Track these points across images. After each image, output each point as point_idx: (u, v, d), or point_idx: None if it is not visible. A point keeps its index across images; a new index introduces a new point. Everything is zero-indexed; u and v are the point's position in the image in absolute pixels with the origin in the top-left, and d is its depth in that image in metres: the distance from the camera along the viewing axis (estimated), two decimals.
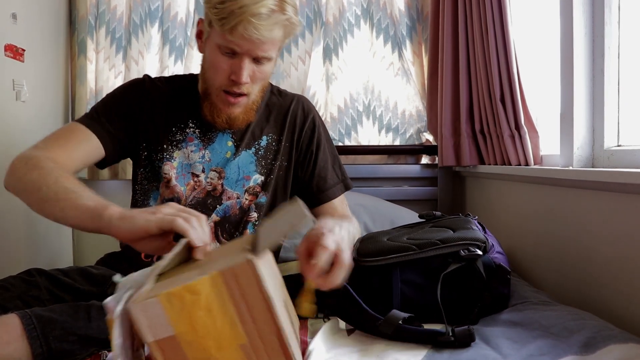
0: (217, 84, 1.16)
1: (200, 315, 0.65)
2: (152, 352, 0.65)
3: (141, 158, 1.26)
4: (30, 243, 1.76)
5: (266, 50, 1.11)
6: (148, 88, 1.27)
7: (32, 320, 0.84)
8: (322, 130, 1.34)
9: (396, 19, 2.09)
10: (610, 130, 1.28)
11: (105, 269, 1.17)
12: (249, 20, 1.05)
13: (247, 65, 1.12)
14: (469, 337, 0.91)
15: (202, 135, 1.25)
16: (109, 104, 1.24)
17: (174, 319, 0.64)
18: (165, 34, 2.06)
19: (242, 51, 1.10)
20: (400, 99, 2.11)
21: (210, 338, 0.65)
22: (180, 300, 0.64)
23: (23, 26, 1.67)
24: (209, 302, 0.65)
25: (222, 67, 1.13)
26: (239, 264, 0.65)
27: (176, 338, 0.64)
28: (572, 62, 1.30)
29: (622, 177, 1.05)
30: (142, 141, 1.25)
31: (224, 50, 1.11)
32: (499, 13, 1.56)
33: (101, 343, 0.87)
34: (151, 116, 1.24)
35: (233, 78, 1.13)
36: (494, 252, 1.12)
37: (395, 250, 1.10)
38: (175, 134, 1.24)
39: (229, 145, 1.25)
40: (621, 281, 1.09)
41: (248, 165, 1.25)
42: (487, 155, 1.78)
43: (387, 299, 1.07)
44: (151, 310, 0.64)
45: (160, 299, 0.64)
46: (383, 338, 0.96)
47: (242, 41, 1.08)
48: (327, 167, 1.31)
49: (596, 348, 0.85)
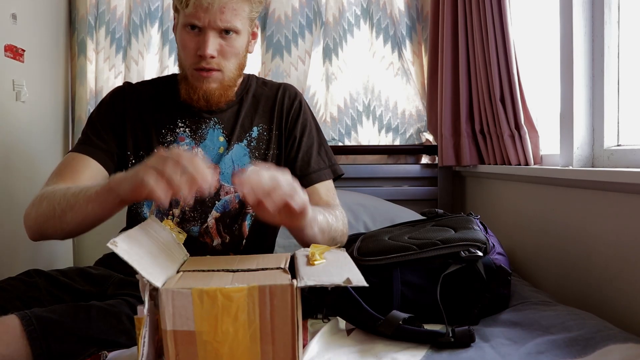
0: (188, 63, 1.17)
1: (226, 321, 0.65)
2: (164, 340, 0.65)
3: (129, 166, 1.23)
4: (30, 244, 1.75)
5: (228, 20, 1.12)
6: (129, 94, 1.26)
7: (33, 322, 0.84)
8: (309, 117, 1.32)
9: (396, 19, 2.09)
10: (610, 130, 1.28)
11: (104, 269, 1.17)
12: None
13: (212, 39, 1.12)
14: (469, 337, 0.91)
15: (192, 134, 1.24)
16: (94, 120, 1.24)
17: (199, 316, 0.65)
18: (165, 34, 2.06)
19: (203, 24, 1.11)
20: (400, 99, 2.11)
21: (227, 345, 0.65)
22: (212, 300, 0.65)
23: (23, 26, 1.67)
24: (238, 311, 0.65)
25: (189, 45, 1.14)
26: (281, 285, 0.65)
27: (194, 335, 0.65)
28: (571, 62, 1.30)
29: (622, 177, 1.05)
30: (128, 149, 1.23)
31: (188, 29, 1.13)
32: (499, 13, 1.56)
33: (101, 343, 0.87)
34: (137, 122, 1.23)
35: (199, 53, 1.13)
36: (495, 253, 1.12)
37: (396, 249, 1.10)
38: (165, 135, 1.23)
39: (221, 141, 1.24)
40: (621, 281, 1.09)
41: (242, 157, 1.24)
42: (487, 155, 1.78)
43: (387, 298, 1.07)
44: (180, 300, 0.64)
45: (193, 293, 0.64)
46: (383, 338, 0.95)
47: (199, 11, 1.10)
48: (311, 152, 1.28)
49: (596, 348, 0.85)
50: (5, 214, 1.59)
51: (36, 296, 1.01)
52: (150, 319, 0.67)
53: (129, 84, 1.30)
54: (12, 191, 1.64)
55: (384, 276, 1.08)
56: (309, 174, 1.26)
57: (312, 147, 1.29)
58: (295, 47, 2.07)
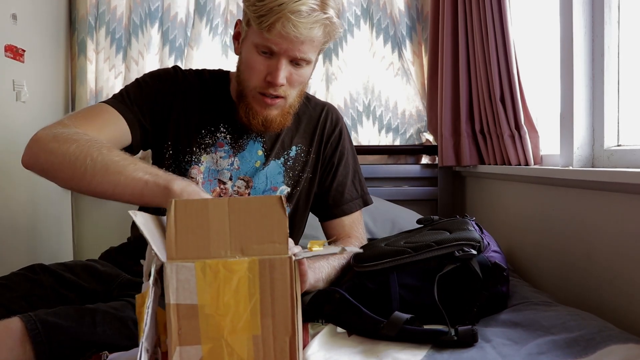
0: (252, 85, 1.11)
1: (228, 293, 0.66)
2: (168, 315, 0.66)
3: (165, 156, 1.19)
4: (31, 238, 1.76)
5: (305, 52, 1.07)
6: (180, 81, 1.21)
7: (37, 325, 0.82)
8: (348, 143, 1.31)
9: (396, 19, 2.09)
10: (610, 130, 1.28)
11: (111, 266, 1.15)
12: (287, 17, 1.01)
13: (285, 67, 1.07)
14: (472, 336, 0.91)
15: (233, 142, 1.20)
16: (140, 90, 1.17)
17: (202, 289, 0.65)
18: (165, 35, 2.06)
19: (279, 51, 1.06)
20: (400, 99, 2.11)
21: (228, 319, 0.66)
22: (214, 272, 0.65)
23: (23, 26, 1.67)
24: (239, 284, 0.66)
25: (259, 68, 1.09)
26: (279, 258, 0.66)
27: (196, 308, 0.66)
28: (572, 62, 1.30)
29: (622, 177, 1.05)
30: (169, 139, 1.18)
31: (260, 50, 1.07)
32: (499, 13, 1.56)
33: (104, 348, 0.86)
34: (182, 114, 1.18)
35: (269, 79, 1.08)
36: (490, 251, 1.11)
37: (391, 254, 1.09)
38: (205, 137, 1.20)
39: (259, 155, 1.22)
40: (621, 281, 1.09)
41: (276, 175, 1.22)
42: (487, 155, 1.78)
43: (386, 303, 1.07)
44: (183, 274, 0.65)
45: (196, 266, 0.65)
46: (385, 340, 0.95)
47: (280, 39, 1.04)
48: (346, 182, 1.27)
49: (597, 348, 0.85)
50: (6, 208, 1.59)
51: (41, 294, 1.00)
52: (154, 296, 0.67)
53: (180, 70, 1.23)
54: (12, 191, 1.64)
55: (382, 281, 1.08)
56: (340, 205, 1.26)
57: (347, 177, 1.28)
58: None
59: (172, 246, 0.66)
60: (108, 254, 1.25)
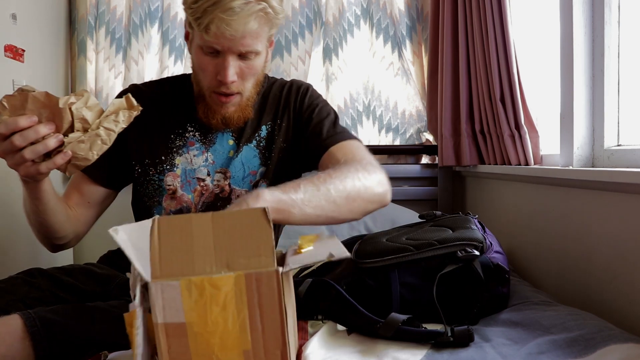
0: (206, 86, 1.12)
1: (215, 310, 0.65)
2: (157, 334, 0.65)
3: (135, 176, 1.22)
4: (30, 242, 1.76)
5: (249, 45, 1.05)
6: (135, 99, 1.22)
7: (36, 322, 0.83)
8: (319, 99, 1.26)
9: (396, 19, 2.09)
10: (610, 130, 1.28)
11: (108, 269, 1.16)
12: (220, 17, 0.99)
13: (232, 64, 1.06)
14: (467, 337, 0.91)
15: (202, 138, 1.21)
16: None
17: (189, 307, 0.65)
18: (165, 35, 2.06)
19: (223, 49, 1.05)
20: (400, 99, 2.11)
21: (217, 336, 0.65)
22: (199, 290, 0.65)
23: (23, 26, 1.67)
24: (226, 300, 0.65)
25: (208, 69, 1.09)
26: (266, 272, 0.65)
27: (184, 326, 0.65)
28: (572, 62, 1.30)
29: (622, 176, 1.05)
30: (134, 158, 1.20)
31: (206, 51, 1.07)
32: (499, 13, 1.56)
33: (104, 346, 0.87)
34: (142, 129, 1.18)
35: (219, 78, 1.08)
36: (492, 251, 1.11)
37: (393, 251, 1.09)
38: (175, 140, 1.20)
39: (230, 144, 1.22)
40: (621, 281, 1.09)
41: (252, 159, 1.21)
42: (487, 155, 1.78)
43: (386, 300, 1.06)
44: (169, 292, 0.64)
45: (181, 284, 0.64)
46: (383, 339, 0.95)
47: (219, 39, 1.03)
48: (322, 123, 1.20)
49: (597, 348, 0.85)
50: (5, 213, 1.59)
51: (39, 297, 1.00)
52: (143, 315, 0.67)
53: (135, 87, 1.25)
54: (12, 191, 1.63)
55: (382, 278, 1.08)
56: (322, 142, 1.17)
57: (324, 120, 1.21)
58: (295, 47, 2.07)
59: (156, 264, 0.65)
60: (106, 257, 1.26)
